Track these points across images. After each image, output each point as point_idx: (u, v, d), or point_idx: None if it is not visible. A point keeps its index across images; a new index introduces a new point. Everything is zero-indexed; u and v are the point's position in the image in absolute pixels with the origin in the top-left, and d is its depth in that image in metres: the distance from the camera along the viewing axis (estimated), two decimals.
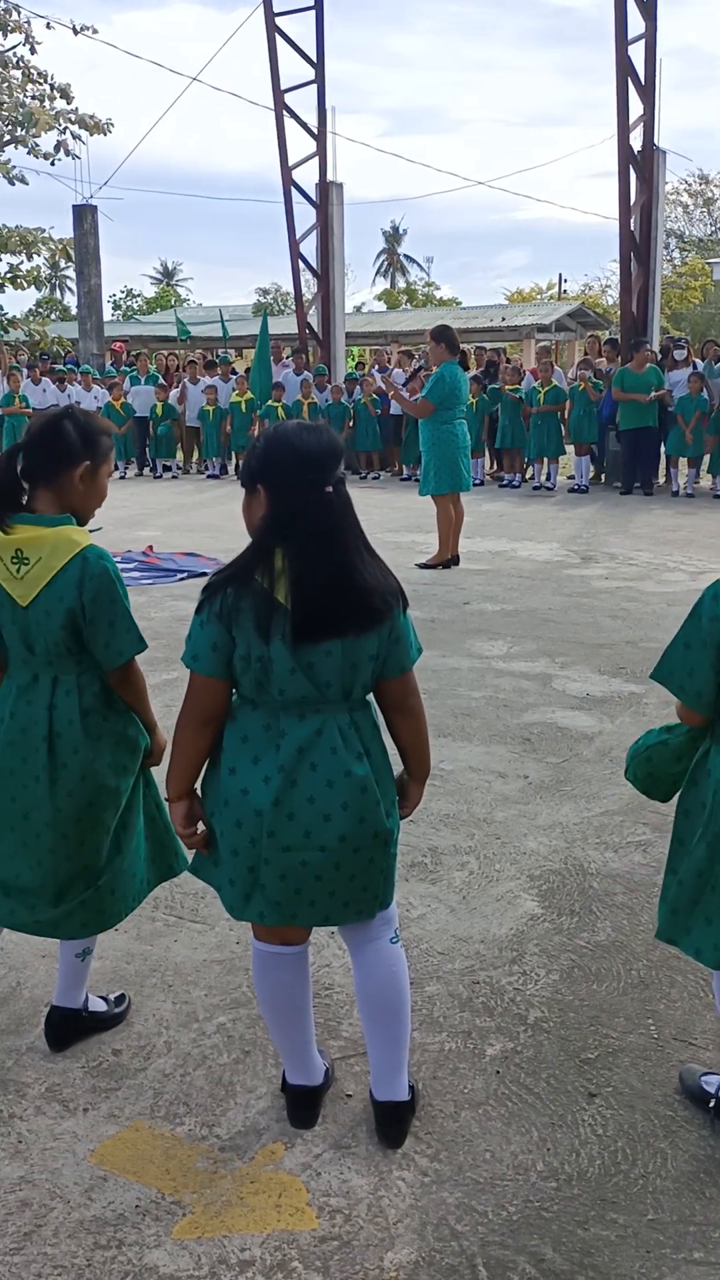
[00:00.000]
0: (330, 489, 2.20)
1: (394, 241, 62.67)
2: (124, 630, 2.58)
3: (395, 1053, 2.47)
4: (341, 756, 2.25)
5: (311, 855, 2.25)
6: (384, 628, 2.25)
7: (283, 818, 2.24)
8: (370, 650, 2.25)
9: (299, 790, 2.24)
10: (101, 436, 2.64)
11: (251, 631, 2.18)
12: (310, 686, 2.22)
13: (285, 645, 2.18)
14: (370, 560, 2.25)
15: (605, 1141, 2.47)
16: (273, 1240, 2.19)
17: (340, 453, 2.25)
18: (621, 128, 15.85)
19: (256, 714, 2.28)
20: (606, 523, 12.15)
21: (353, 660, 2.23)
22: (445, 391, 8.75)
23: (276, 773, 2.24)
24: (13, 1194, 2.32)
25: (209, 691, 2.28)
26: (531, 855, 3.88)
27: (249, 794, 2.25)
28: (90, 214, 23.42)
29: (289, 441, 2.21)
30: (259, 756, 2.26)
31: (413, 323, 31.26)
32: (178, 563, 9.54)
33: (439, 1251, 2.17)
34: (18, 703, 2.63)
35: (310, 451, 2.19)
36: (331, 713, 2.26)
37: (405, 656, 2.33)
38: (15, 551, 2.53)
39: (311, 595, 2.17)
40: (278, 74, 19.21)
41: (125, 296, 52.30)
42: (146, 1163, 2.41)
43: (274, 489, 2.21)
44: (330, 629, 2.19)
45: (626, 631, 7.12)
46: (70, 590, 2.52)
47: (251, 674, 2.22)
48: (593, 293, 44.61)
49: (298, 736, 2.24)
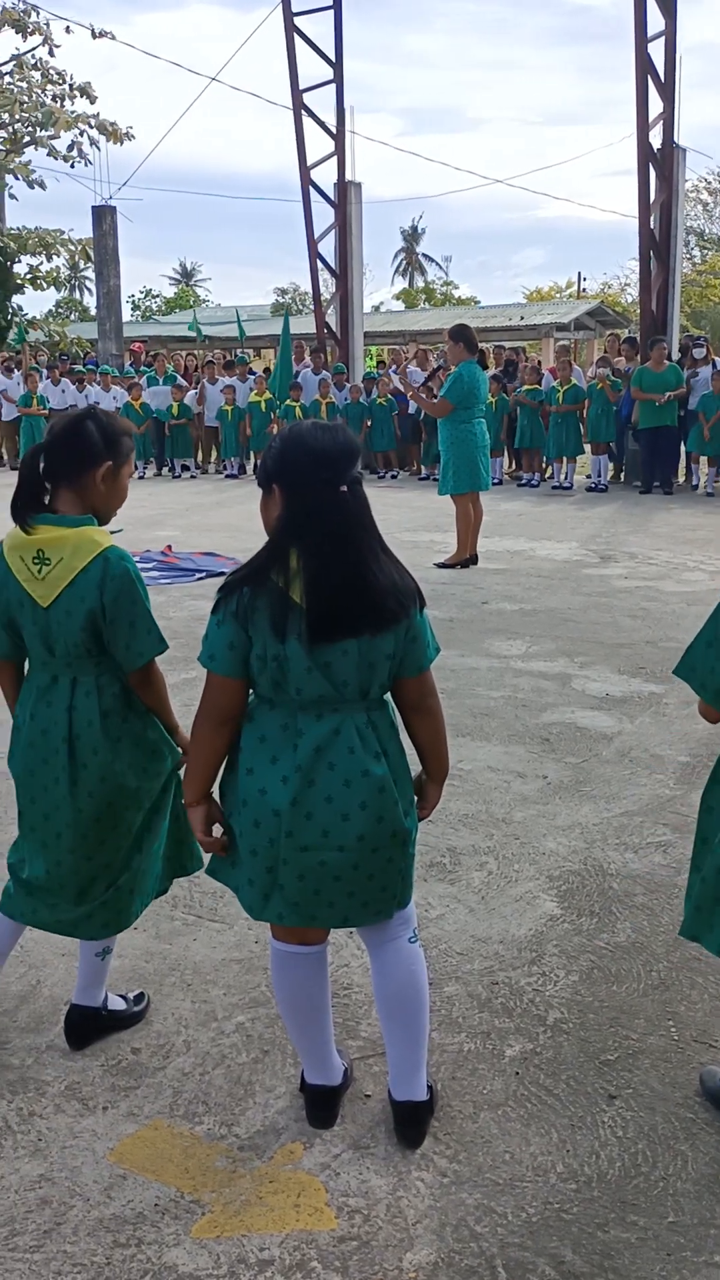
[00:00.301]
0: (345, 488, 2.19)
1: (412, 241, 62.66)
2: (145, 631, 2.58)
3: (414, 1052, 2.47)
4: (359, 756, 2.25)
5: (330, 855, 2.25)
6: (400, 627, 2.25)
7: (300, 818, 2.24)
8: (387, 649, 2.24)
9: (317, 790, 2.24)
10: (123, 437, 2.64)
11: (267, 631, 2.18)
12: (327, 686, 2.22)
13: (301, 645, 2.17)
14: (386, 560, 2.25)
15: (625, 1143, 2.46)
16: (292, 1240, 2.19)
17: (356, 452, 2.24)
18: (641, 125, 15.78)
19: (274, 714, 2.28)
20: (626, 522, 12.11)
21: (369, 660, 2.23)
22: (464, 391, 8.73)
23: (294, 772, 2.23)
24: (33, 1191, 2.32)
25: (226, 691, 2.28)
26: (551, 856, 3.87)
27: (267, 794, 2.25)
28: (109, 215, 23.52)
29: (303, 441, 2.20)
30: (276, 756, 2.26)
31: (431, 322, 31.22)
32: (196, 562, 9.56)
33: (458, 1253, 2.16)
34: (38, 704, 2.63)
35: (325, 451, 2.19)
36: (349, 712, 2.26)
37: (422, 656, 2.33)
38: (37, 552, 2.54)
39: (326, 595, 2.16)
40: (296, 74, 19.22)
41: (144, 297, 52.48)
42: (165, 1161, 2.41)
43: (288, 488, 2.21)
44: (345, 628, 2.18)
45: (646, 631, 7.09)
46: (91, 591, 2.52)
47: (268, 673, 2.22)
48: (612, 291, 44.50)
49: (315, 736, 2.24)
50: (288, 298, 50.60)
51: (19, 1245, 2.18)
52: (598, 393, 14.71)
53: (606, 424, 14.82)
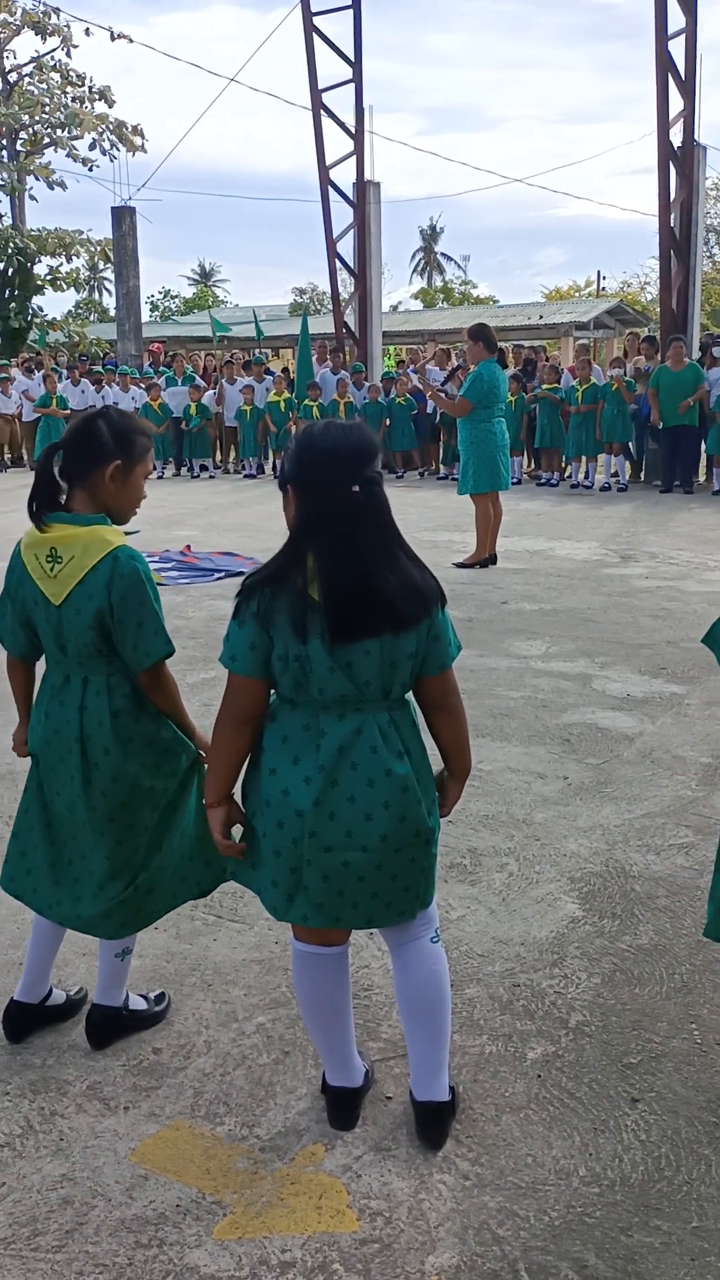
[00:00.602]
0: (357, 488, 2.17)
1: (430, 240, 62.61)
2: (152, 632, 2.57)
3: (436, 1053, 2.46)
4: (382, 755, 2.24)
5: (353, 855, 2.25)
6: (422, 626, 2.24)
7: (324, 818, 2.23)
8: (409, 649, 2.24)
9: (339, 790, 2.23)
10: (136, 436, 2.63)
11: (288, 631, 2.18)
12: (349, 685, 2.21)
13: (323, 644, 2.17)
14: (404, 560, 2.23)
15: (649, 1147, 2.44)
16: (313, 1242, 2.19)
17: (372, 452, 2.22)
18: (661, 123, 15.72)
19: (296, 714, 2.27)
20: (646, 521, 12.06)
21: (391, 659, 2.22)
22: (483, 390, 8.72)
23: (317, 773, 2.23)
24: (55, 1191, 2.32)
25: (248, 691, 2.28)
26: (572, 857, 3.85)
27: (290, 794, 2.25)
28: (129, 216, 23.58)
29: (314, 442, 2.20)
30: (299, 757, 2.26)
31: (449, 321, 31.18)
32: (215, 562, 9.57)
33: (480, 1256, 2.15)
34: (51, 703, 2.65)
35: (335, 451, 2.18)
36: (371, 712, 2.25)
37: (444, 654, 2.32)
38: (50, 550, 2.55)
39: (339, 596, 2.16)
40: (315, 74, 19.23)
41: (163, 297, 52.62)
42: (187, 1162, 2.41)
43: (301, 489, 2.21)
44: (361, 629, 2.17)
45: (667, 631, 7.06)
46: (100, 589, 2.52)
47: (290, 673, 2.22)
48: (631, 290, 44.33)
49: (338, 736, 2.23)
50: (306, 298, 50.63)
51: (41, 1245, 2.18)
52: (612, 393, 14.66)
53: (623, 424, 14.77)
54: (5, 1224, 2.23)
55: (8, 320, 28.16)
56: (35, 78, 28.42)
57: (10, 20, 27.18)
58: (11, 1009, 2.83)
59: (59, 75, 28.18)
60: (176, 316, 46.43)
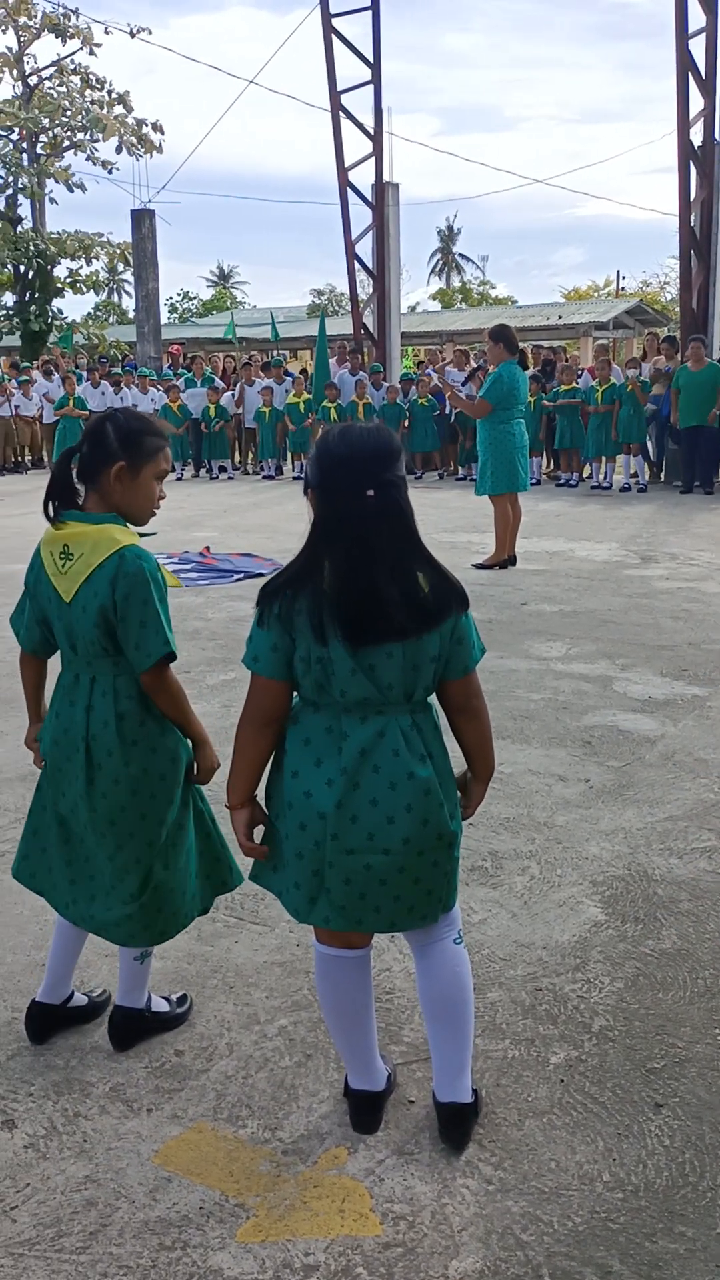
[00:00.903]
0: (372, 493, 2.16)
1: (449, 241, 62.55)
2: (154, 632, 2.54)
3: (459, 1054, 2.46)
4: (404, 758, 2.24)
5: (376, 859, 2.25)
6: (445, 628, 2.24)
7: (346, 820, 2.24)
8: (431, 651, 2.24)
9: (361, 793, 2.23)
10: (145, 437, 2.61)
11: (309, 634, 2.19)
12: (371, 688, 2.21)
13: (345, 647, 2.17)
14: (421, 565, 2.22)
15: (673, 1153, 2.43)
16: (337, 1246, 2.19)
17: (391, 455, 2.20)
18: (681, 122, 15.67)
19: (318, 716, 2.27)
20: (666, 522, 12.02)
21: (414, 661, 2.22)
22: (503, 391, 8.70)
23: (339, 775, 2.23)
24: (79, 1193, 2.33)
25: (270, 693, 2.28)
26: (594, 860, 3.84)
27: (312, 797, 2.25)
28: (148, 218, 23.68)
29: (330, 446, 2.21)
30: (321, 759, 2.26)
31: (468, 322, 31.17)
32: (234, 563, 9.58)
33: (504, 1261, 2.14)
34: (62, 701, 2.66)
35: (349, 456, 2.18)
36: (393, 714, 2.25)
37: (468, 657, 2.32)
38: (63, 547, 2.58)
39: (351, 600, 2.16)
40: (334, 75, 19.25)
41: (183, 299, 52.77)
42: (210, 1164, 2.41)
43: (320, 493, 2.22)
44: (372, 633, 2.17)
45: (688, 633, 7.03)
46: (104, 586, 2.53)
47: (312, 675, 2.22)
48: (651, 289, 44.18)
49: (360, 739, 2.23)
50: (325, 299, 50.68)
51: (65, 1246, 2.18)
52: (628, 394, 14.61)
53: (639, 425, 14.73)
54: (30, 1225, 2.24)
55: (28, 323, 28.30)
56: (56, 80, 28.55)
57: (30, 24, 27.30)
58: (34, 1010, 2.84)
59: (79, 79, 28.30)
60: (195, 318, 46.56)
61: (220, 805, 2.54)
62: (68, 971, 2.85)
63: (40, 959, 3.18)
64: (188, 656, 6.56)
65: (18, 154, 28.30)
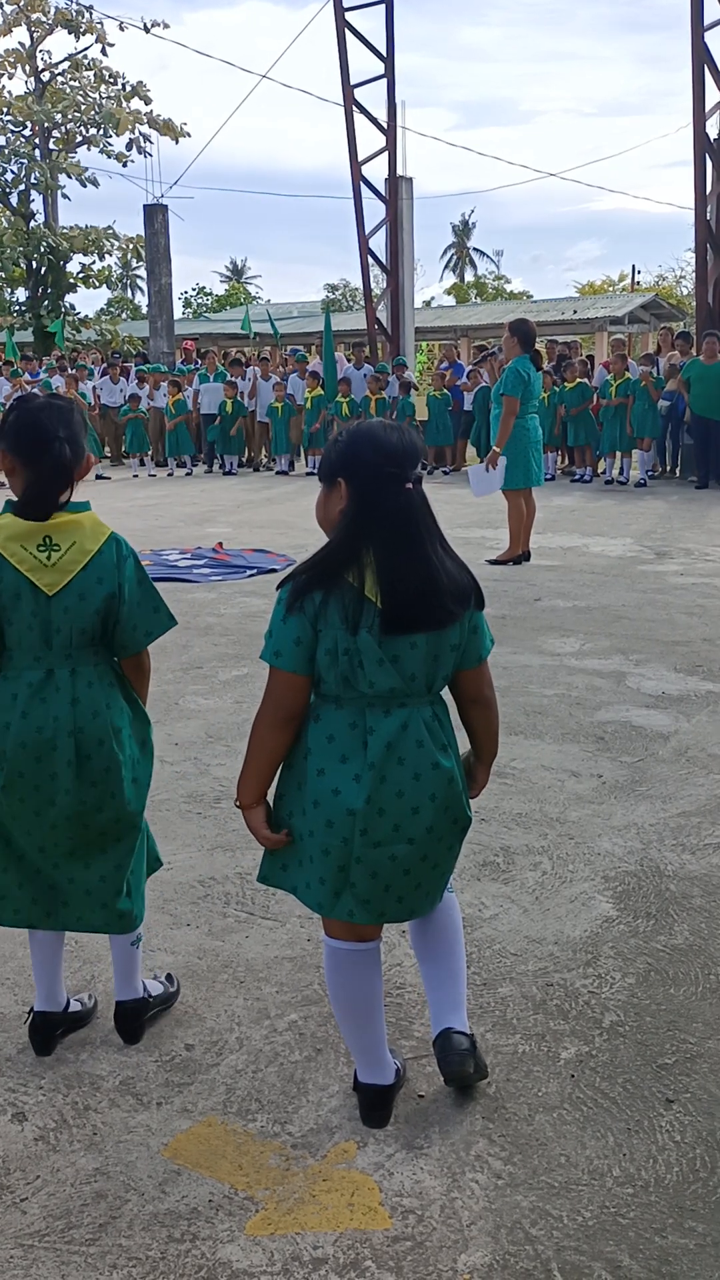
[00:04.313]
0: (410, 485, 2.21)
1: (463, 235, 62.39)
2: (154, 610, 2.63)
3: (455, 989, 2.52)
4: (428, 749, 2.27)
5: (400, 848, 2.27)
6: (464, 618, 2.29)
7: (374, 814, 2.25)
8: (452, 641, 2.28)
9: (388, 785, 2.25)
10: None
11: (339, 625, 2.19)
12: (397, 679, 2.23)
13: (373, 638, 2.18)
14: (448, 556, 2.28)
15: (683, 1149, 2.42)
16: (345, 1239, 2.18)
17: (419, 451, 2.27)
18: (697, 115, 15.60)
19: (341, 712, 2.27)
20: (681, 517, 11.97)
21: (435, 652, 2.25)
22: (520, 385, 8.66)
23: (367, 770, 2.24)
24: (88, 1185, 2.34)
25: (291, 688, 2.27)
26: (606, 856, 3.83)
27: (340, 794, 2.25)
28: (161, 213, 23.68)
29: (373, 437, 2.22)
30: (346, 755, 2.26)
31: (482, 317, 31.07)
32: (247, 559, 9.59)
33: (513, 1255, 2.14)
34: (30, 702, 2.54)
35: (393, 447, 2.21)
36: (415, 706, 2.27)
37: (481, 647, 2.37)
38: (44, 539, 2.53)
39: (402, 590, 2.18)
40: (347, 69, 19.25)
41: (196, 294, 52.79)
42: (219, 1158, 2.41)
43: (357, 484, 2.22)
44: (412, 623, 2.20)
45: (703, 629, 7.00)
46: (110, 573, 2.54)
47: (339, 668, 2.21)
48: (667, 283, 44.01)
49: (386, 732, 2.25)
50: (339, 294, 50.62)
51: (75, 1238, 2.19)
52: (641, 390, 14.55)
53: (653, 420, 14.68)
54: (40, 1217, 2.25)
55: (41, 319, 28.35)
56: (69, 76, 28.57)
57: (44, 20, 27.33)
58: (37, 1020, 2.78)
59: (93, 74, 28.31)
60: (209, 314, 46.57)
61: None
62: (56, 975, 2.80)
63: None
64: (201, 652, 6.57)
65: (30, 149, 28.34)
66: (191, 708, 5.42)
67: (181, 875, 3.70)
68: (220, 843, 3.95)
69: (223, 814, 4.19)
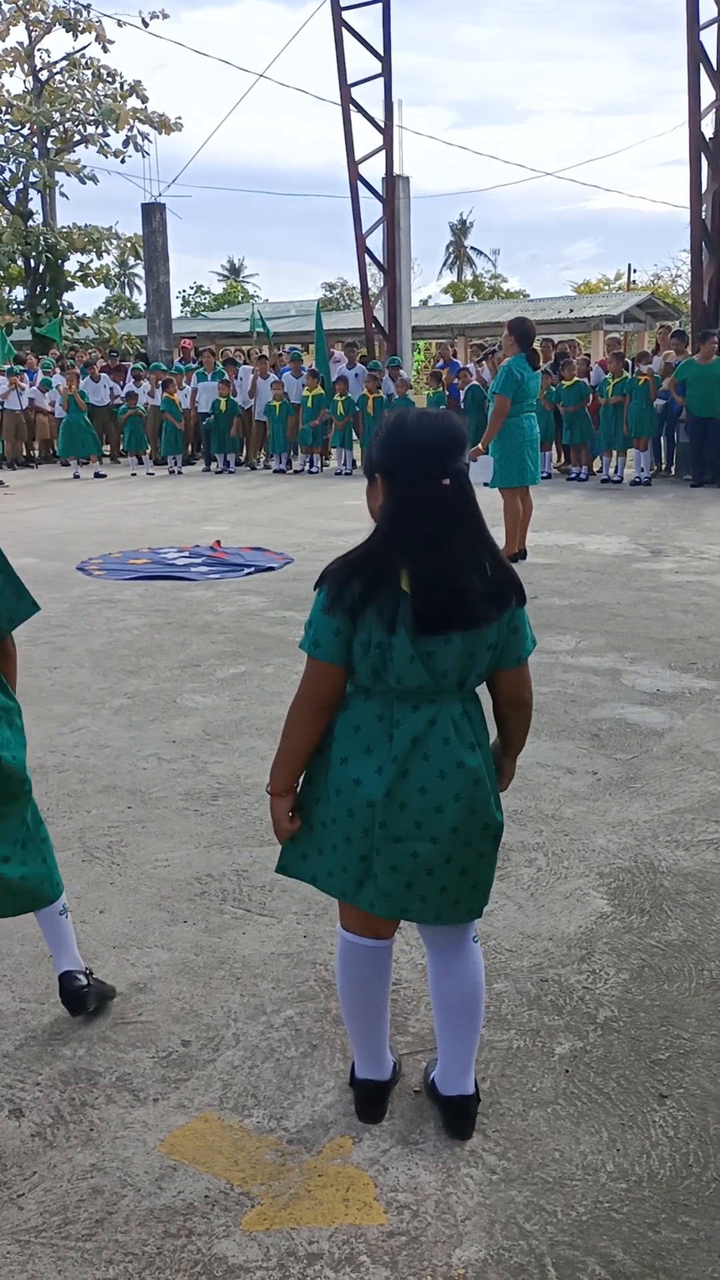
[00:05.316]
0: (447, 481, 2.16)
1: (460, 234, 62.37)
2: (19, 597, 2.68)
3: (469, 1051, 2.47)
4: (454, 747, 2.24)
5: (423, 847, 2.25)
6: (503, 617, 2.24)
7: (395, 808, 2.24)
8: (489, 639, 2.24)
9: (410, 781, 2.23)
10: None
11: (375, 619, 2.17)
12: (427, 675, 2.20)
13: (408, 633, 2.17)
14: (488, 554, 2.23)
15: (677, 1144, 2.44)
16: (341, 1234, 2.20)
17: (462, 443, 2.19)
18: (693, 114, 15.60)
19: (370, 704, 2.27)
20: (676, 516, 11.99)
21: (471, 649, 2.21)
22: (514, 385, 8.67)
23: (389, 763, 2.23)
24: (85, 1181, 2.35)
25: (328, 678, 2.26)
26: (601, 852, 3.84)
27: (361, 785, 2.25)
28: (159, 212, 23.65)
29: (406, 432, 2.19)
30: (371, 747, 2.26)
31: (479, 316, 31.09)
32: (244, 557, 9.60)
33: (508, 1250, 2.15)
34: None
35: (427, 443, 2.17)
36: (444, 702, 2.25)
37: (521, 647, 2.32)
38: None
39: (428, 589, 2.16)
40: (345, 68, 19.23)
41: (194, 293, 52.75)
42: (215, 1153, 2.42)
43: (392, 481, 2.20)
44: (445, 622, 2.17)
45: (698, 626, 7.01)
46: None
47: (370, 661, 2.21)
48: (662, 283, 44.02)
49: (412, 727, 2.23)
50: (336, 292, 50.61)
51: (72, 1234, 2.20)
52: (639, 388, 14.56)
53: (650, 419, 14.68)
54: (36, 1212, 2.26)
55: (39, 317, 28.32)
56: (68, 74, 28.54)
57: (42, 18, 27.28)
58: None
59: (90, 72, 28.28)
60: (207, 312, 46.55)
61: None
62: None
63: (48, 950, 3.20)
64: (198, 650, 6.58)
65: (29, 148, 28.31)
66: (189, 705, 5.43)
67: (178, 872, 3.71)
68: (217, 840, 3.96)
69: (220, 811, 4.20)
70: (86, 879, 3.68)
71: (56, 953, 2.88)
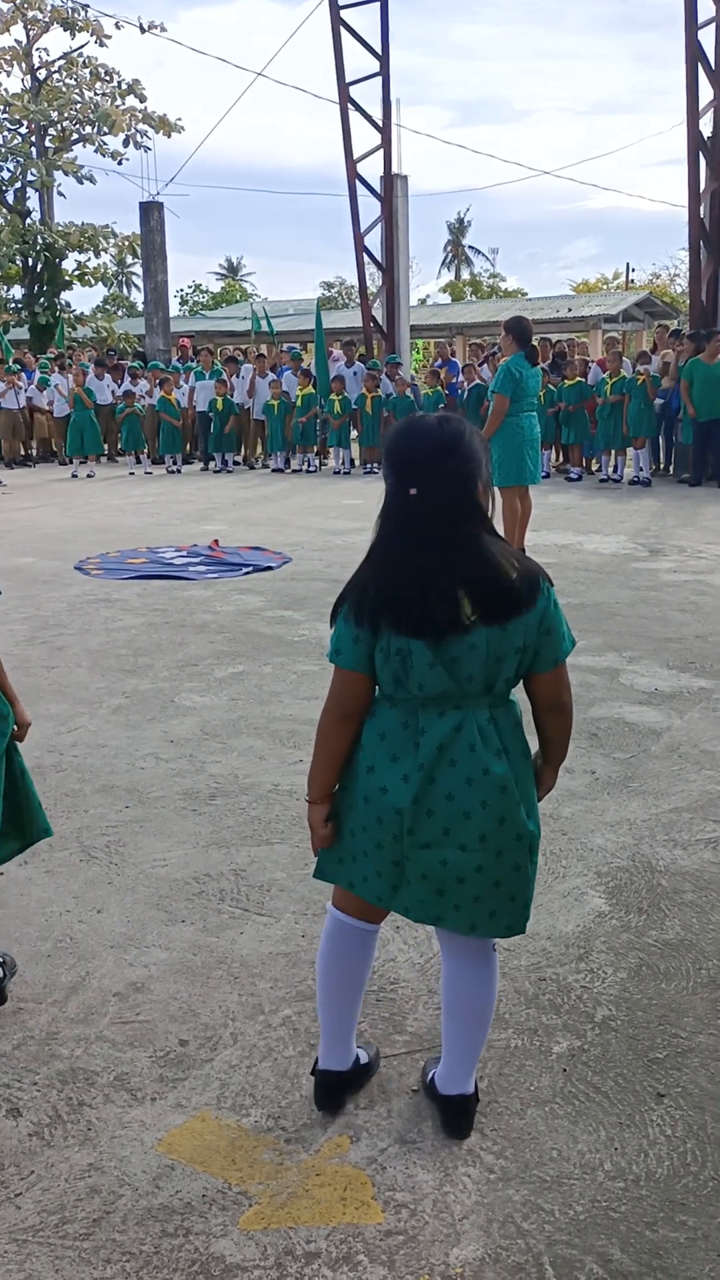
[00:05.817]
0: (414, 491, 2.15)
1: (459, 233, 62.35)
2: None
3: (474, 1054, 2.47)
4: (480, 754, 2.21)
5: (451, 854, 2.23)
6: (531, 619, 2.20)
7: (422, 815, 2.22)
8: (516, 643, 2.19)
9: (437, 787, 2.22)
10: None
11: (390, 626, 2.18)
12: (450, 682, 2.18)
13: (425, 640, 2.16)
14: (480, 562, 2.17)
15: (674, 1142, 2.44)
16: (338, 1233, 2.20)
17: (445, 449, 2.16)
18: (691, 113, 15.60)
19: (394, 711, 2.26)
20: (675, 515, 11.99)
21: (497, 654, 2.18)
22: (513, 384, 8.67)
23: (416, 771, 2.22)
24: (82, 1180, 2.35)
25: (352, 685, 2.26)
26: (599, 852, 3.84)
27: (388, 793, 2.24)
28: (157, 211, 23.64)
29: (391, 440, 2.22)
30: (397, 755, 2.25)
31: (478, 315, 31.10)
32: (243, 556, 9.59)
33: (505, 1249, 2.15)
34: None
35: (399, 453, 2.19)
36: (471, 708, 2.22)
37: (558, 649, 2.28)
38: None
39: (391, 595, 2.16)
40: (343, 67, 19.22)
41: (192, 292, 52.72)
42: (213, 1153, 2.42)
43: (386, 485, 2.23)
44: (421, 630, 2.15)
45: (696, 625, 7.02)
46: None
47: (391, 668, 2.20)
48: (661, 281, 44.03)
49: (438, 734, 2.21)
50: (334, 291, 50.60)
51: (69, 1233, 2.20)
52: (638, 388, 14.56)
53: (649, 419, 14.68)
54: (34, 1212, 2.26)
55: (36, 316, 28.30)
56: (65, 73, 28.52)
57: (40, 17, 27.26)
58: None
59: (89, 72, 28.26)
60: (205, 311, 46.53)
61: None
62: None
63: (46, 950, 3.21)
64: (196, 650, 6.57)
65: (27, 147, 28.29)
66: (187, 705, 5.43)
67: (176, 872, 3.71)
68: (215, 839, 3.96)
69: (217, 811, 4.20)
70: (84, 878, 3.68)
71: None
